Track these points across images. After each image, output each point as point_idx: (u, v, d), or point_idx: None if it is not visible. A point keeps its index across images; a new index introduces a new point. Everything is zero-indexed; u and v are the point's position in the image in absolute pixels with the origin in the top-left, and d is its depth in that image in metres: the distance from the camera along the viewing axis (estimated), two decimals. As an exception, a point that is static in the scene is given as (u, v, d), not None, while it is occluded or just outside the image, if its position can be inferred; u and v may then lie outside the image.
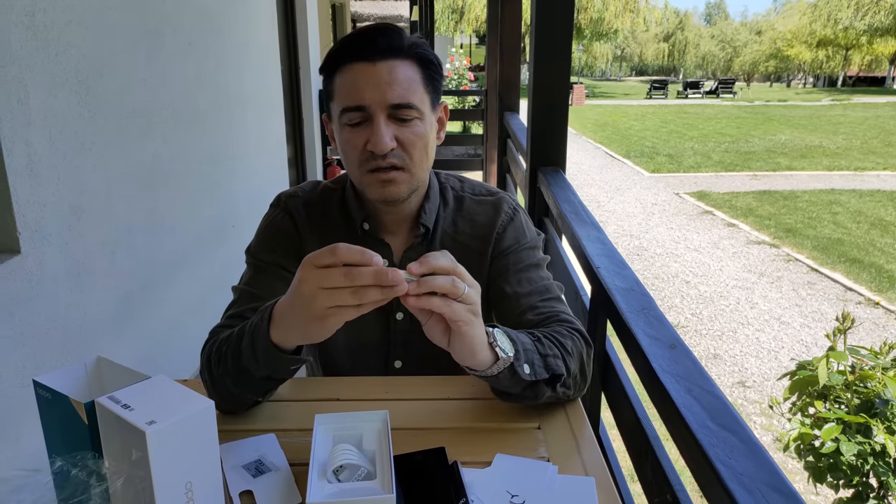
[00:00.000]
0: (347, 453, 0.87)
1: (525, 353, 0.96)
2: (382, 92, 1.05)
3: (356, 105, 1.06)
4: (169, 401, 0.78)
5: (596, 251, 1.54)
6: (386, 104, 1.05)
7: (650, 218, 8.71)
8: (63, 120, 1.97)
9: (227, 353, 1.00)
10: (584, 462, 0.98)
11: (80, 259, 2.04)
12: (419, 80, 1.08)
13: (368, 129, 1.06)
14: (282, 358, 0.93)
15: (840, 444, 1.68)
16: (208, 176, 3.12)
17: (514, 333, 0.98)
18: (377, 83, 1.05)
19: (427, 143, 1.11)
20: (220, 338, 1.04)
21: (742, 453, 0.81)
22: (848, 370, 1.83)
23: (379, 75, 1.05)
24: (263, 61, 4.10)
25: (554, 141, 2.43)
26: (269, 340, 0.91)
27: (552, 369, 1.00)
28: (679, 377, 0.98)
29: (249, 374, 0.97)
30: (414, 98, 1.07)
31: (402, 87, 1.06)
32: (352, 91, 1.06)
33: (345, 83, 1.07)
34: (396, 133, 1.07)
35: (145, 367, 2.09)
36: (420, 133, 1.09)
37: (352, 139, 1.08)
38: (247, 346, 0.95)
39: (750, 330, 5.09)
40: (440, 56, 9.92)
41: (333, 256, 0.81)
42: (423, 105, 1.09)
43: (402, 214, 1.20)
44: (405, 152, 1.09)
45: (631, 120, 21.44)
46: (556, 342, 1.03)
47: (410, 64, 1.08)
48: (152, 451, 0.72)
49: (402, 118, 1.07)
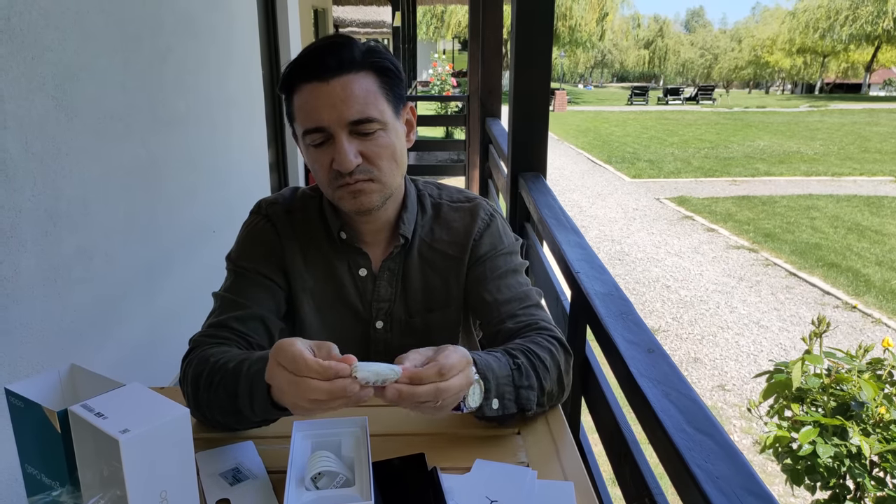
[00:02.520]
0: (326, 460, 0.86)
1: (497, 387, 0.97)
2: (339, 111, 1.03)
3: (315, 127, 1.04)
4: (143, 408, 0.77)
5: (576, 256, 1.55)
6: (344, 122, 1.03)
7: (631, 223, 8.77)
8: (39, 124, 1.95)
9: (219, 385, 0.98)
10: (563, 467, 0.99)
11: (56, 265, 2.02)
12: (376, 91, 1.06)
13: (332, 148, 1.05)
14: (280, 413, 0.94)
15: (817, 447, 1.70)
16: (188, 181, 3.10)
17: (493, 367, 0.97)
18: (332, 102, 1.03)
19: (394, 152, 1.10)
20: (210, 360, 1.01)
21: (718, 457, 0.82)
22: (824, 373, 1.85)
23: (333, 94, 1.03)
24: (244, 66, 4.08)
25: (534, 147, 2.44)
26: (268, 397, 0.91)
27: (521, 404, 1.00)
28: (657, 381, 0.99)
29: (242, 415, 0.96)
30: (373, 111, 1.05)
31: (359, 102, 1.04)
32: (309, 113, 1.05)
33: (302, 105, 1.06)
34: (360, 148, 1.06)
35: (124, 374, 2.08)
36: (385, 144, 1.08)
37: (318, 159, 1.08)
38: (244, 391, 0.94)
39: (729, 334, 5.14)
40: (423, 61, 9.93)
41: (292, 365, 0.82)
42: (384, 115, 1.07)
43: (379, 224, 1.19)
44: (372, 165, 1.07)
45: (612, 126, 21.59)
46: (535, 364, 1.03)
47: (365, 75, 1.05)
48: (126, 460, 0.71)
49: (364, 132, 1.05)
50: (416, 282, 1.22)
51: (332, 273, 1.21)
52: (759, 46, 52.90)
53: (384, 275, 1.21)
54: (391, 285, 1.22)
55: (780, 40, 48.91)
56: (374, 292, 1.22)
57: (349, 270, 1.21)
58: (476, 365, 0.94)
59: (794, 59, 49.19)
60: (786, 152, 15.23)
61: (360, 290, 1.22)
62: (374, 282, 1.21)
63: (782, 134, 18.89)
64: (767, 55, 51.64)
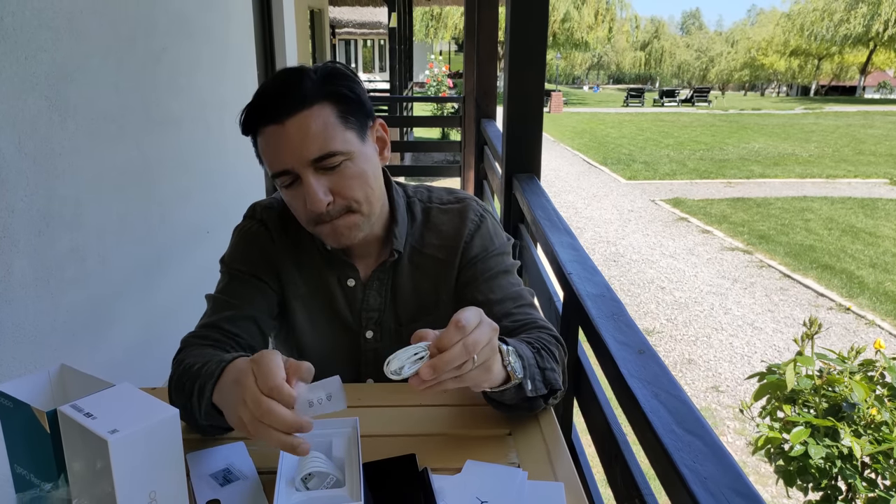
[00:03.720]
0: (316, 461, 0.86)
1: (529, 368, 0.95)
2: (298, 151, 1.01)
3: (280, 170, 1.04)
4: (133, 409, 0.77)
5: (568, 257, 1.55)
6: (306, 161, 1.01)
7: (626, 224, 8.78)
8: (32, 125, 1.94)
9: (184, 387, 0.97)
10: (554, 468, 0.99)
11: (49, 266, 2.01)
12: (335, 122, 1.03)
13: (303, 187, 1.04)
14: (220, 419, 0.91)
15: (808, 448, 1.70)
16: (182, 182, 3.09)
17: (521, 348, 0.96)
18: (291, 144, 1.01)
19: (367, 178, 1.07)
20: (186, 362, 1.01)
21: (707, 457, 0.82)
22: (816, 374, 1.86)
23: (290, 135, 1.01)
24: (239, 67, 4.07)
25: (529, 148, 2.44)
26: (210, 401, 0.90)
27: (550, 384, 1.00)
28: (646, 382, 0.99)
29: (193, 417, 0.96)
30: (334, 144, 1.02)
31: (319, 139, 1.01)
32: (272, 156, 1.04)
33: (265, 148, 1.05)
34: (329, 184, 1.04)
35: (117, 374, 2.07)
36: (354, 173, 1.05)
37: (292, 198, 1.07)
38: (195, 391, 0.93)
39: (724, 335, 5.15)
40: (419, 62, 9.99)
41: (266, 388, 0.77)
42: (348, 144, 1.04)
43: (367, 240, 1.18)
44: (346, 199, 1.06)
45: (608, 127, 21.63)
46: (550, 353, 1.03)
47: (321, 108, 1.02)
48: (115, 461, 0.71)
49: (329, 166, 1.03)
50: (407, 289, 1.22)
51: (322, 282, 1.21)
52: (755, 49, 53.07)
53: (373, 284, 1.21)
54: (380, 295, 1.21)
55: (775, 42, 49.10)
56: (364, 302, 1.21)
57: (338, 281, 1.21)
58: (506, 342, 0.92)
59: (789, 61, 49.37)
60: (781, 154, 15.28)
61: (349, 300, 1.22)
62: (363, 291, 1.21)
63: (777, 136, 18.95)
64: (763, 57, 51.82)
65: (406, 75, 13.63)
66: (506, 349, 0.89)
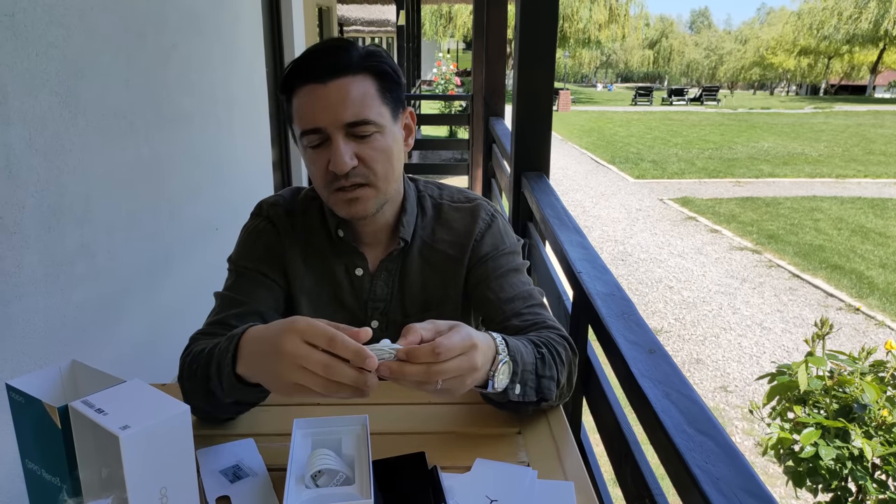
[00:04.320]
0: (326, 458, 0.86)
1: (523, 373, 0.96)
2: (335, 112, 1.04)
3: (312, 128, 1.05)
4: (144, 405, 0.77)
5: (578, 256, 1.54)
6: (341, 124, 1.04)
7: (634, 223, 8.76)
8: (43, 121, 1.95)
9: (197, 372, 0.98)
10: (564, 467, 0.98)
11: (59, 261, 2.02)
12: (374, 94, 1.07)
13: (329, 150, 1.06)
14: (246, 390, 0.92)
15: (819, 449, 1.69)
16: (192, 179, 3.10)
17: (521, 352, 0.96)
18: (329, 104, 1.04)
19: (391, 156, 1.10)
20: (194, 350, 1.03)
21: (719, 458, 0.81)
22: (827, 375, 1.84)
23: (330, 96, 1.04)
24: (248, 64, 4.08)
25: (538, 146, 2.43)
26: (233, 374, 0.91)
27: (542, 393, 1.00)
28: (657, 382, 0.99)
29: (217, 398, 0.96)
30: (370, 113, 1.05)
31: (356, 105, 1.04)
32: (307, 114, 1.06)
33: (300, 106, 1.07)
34: (356, 150, 1.06)
35: (126, 371, 2.07)
36: (381, 147, 1.08)
37: (314, 160, 1.08)
38: (214, 372, 0.94)
39: (732, 335, 5.13)
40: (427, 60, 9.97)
41: (326, 343, 0.78)
42: (382, 118, 1.08)
43: (377, 226, 1.20)
44: (368, 168, 1.08)
45: (616, 126, 21.57)
46: (554, 357, 1.03)
47: (364, 78, 1.06)
48: (126, 456, 0.71)
49: (361, 135, 1.06)
50: (416, 282, 1.22)
51: (329, 273, 1.22)
52: (764, 47, 52.81)
53: (381, 275, 1.21)
54: (388, 285, 1.22)
55: (784, 41, 48.83)
56: (371, 292, 1.22)
57: (346, 270, 1.22)
58: (508, 346, 0.93)
59: (798, 60, 49.12)
60: (790, 154, 15.20)
61: (356, 289, 1.22)
62: (370, 281, 1.22)
63: (787, 135, 18.85)
64: (772, 56, 51.56)
65: (414, 73, 13.62)
66: (500, 359, 0.90)
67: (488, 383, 0.91)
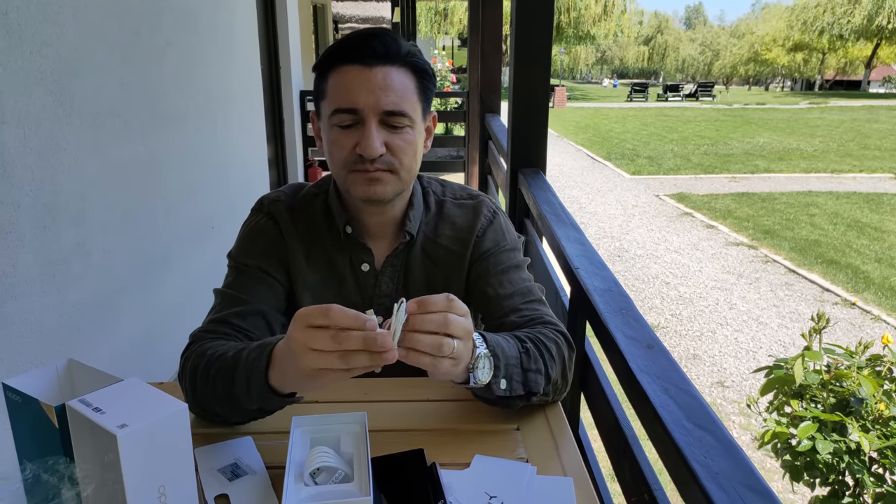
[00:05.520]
0: (324, 456, 0.86)
1: (506, 367, 0.96)
2: (377, 97, 1.05)
3: (349, 107, 1.05)
4: (141, 404, 0.76)
5: (575, 252, 1.54)
6: (379, 110, 1.05)
7: (631, 220, 8.76)
8: (37, 119, 1.94)
9: (216, 377, 0.97)
10: (562, 463, 0.98)
11: (55, 261, 2.02)
12: (413, 89, 1.09)
13: (359, 132, 1.06)
14: (277, 400, 0.93)
15: (816, 443, 1.69)
16: (187, 176, 3.09)
17: (502, 346, 0.97)
18: (372, 88, 1.04)
19: (416, 151, 1.12)
20: (207, 353, 1.01)
21: (718, 452, 0.81)
22: (823, 369, 1.85)
23: (374, 80, 1.05)
24: (244, 61, 4.07)
25: (534, 143, 2.43)
26: (266, 383, 0.90)
27: (529, 386, 1.00)
28: (656, 377, 0.99)
29: (239, 404, 0.96)
30: (407, 106, 1.07)
31: (397, 95, 1.06)
32: (345, 93, 1.06)
33: (339, 84, 1.07)
34: (387, 139, 1.07)
35: (123, 369, 2.07)
36: (410, 140, 1.09)
37: (340, 140, 1.08)
38: (241, 378, 0.93)
39: (728, 330, 5.14)
40: (422, 57, 9.82)
41: (325, 318, 0.79)
42: (416, 113, 1.09)
43: (386, 218, 1.20)
44: (394, 157, 1.09)
45: (612, 122, 21.57)
46: (542, 351, 1.03)
47: (406, 72, 1.08)
48: (124, 455, 0.71)
49: (394, 125, 1.07)
50: (419, 278, 1.22)
51: (333, 269, 1.21)
52: (759, 43, 52.86)
53: (386, 270, 1.21)
54: (393, 281, 1.22)
55: (779, 37, 48.88)
56: (376, 287, 1.22)
57: (350, 266, 1.21)
58: (486, 340, 0.94)
59: (793, 55, 49.17)
60: (785, 149, 15.22)
61: (362, 285, 1.22)
62: (375, 277, 1.21)
63: (782, 131, 18.88)
64: (766, 52, 51.61)
65: (409, 70, 13.51)
66: (478, 353, 0.91)
67: (469, 377, 0.91)
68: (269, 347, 0.91)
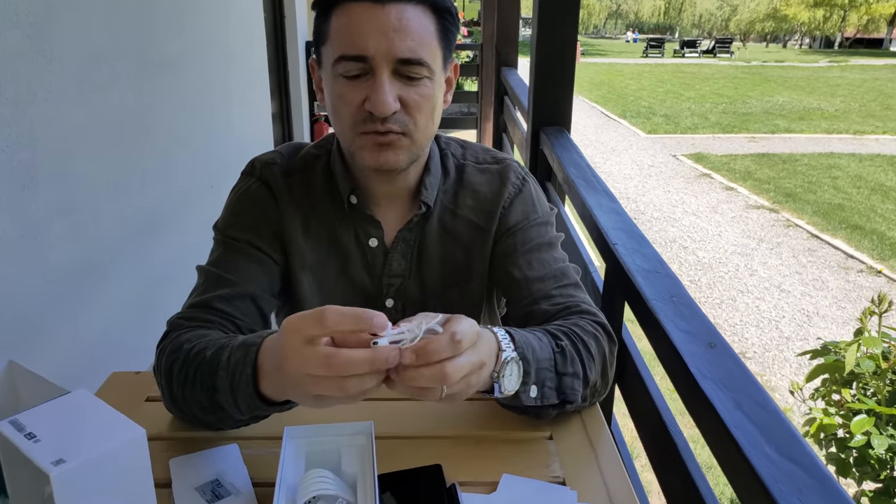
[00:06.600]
0: (322, 482, 0.71)
1: (537, 371, 0.81)
2: (390, 42, 0.86)
3: (356, 54, 0.86)
4: (87, 428, 0.61)
5: (611, 224, 1.36)
6: (393, 57, 0.86)
7: (647, 180, 8.52)
8: (13, 66, 1.77)
9: (195, 379, 0.81)
10: (604, 480, 0.84)
11: (35, 222, 1.86)
12: (433, 32, 0.90)
13: (368, 84, 0.87)
14: (272, 408, 0.78)
15: (871, 438, 1.54)
16: (183, 131, 2.91)
17: (533, 346, 0.82)
18: (384, 30, 0.85)
19: (434, 107, 0.93)
20: (183, 347, 0.85)
21: (815, 492, 0.65)
22: (880, 356, 1.67)
23: (387, 21, 0.86)
24: (244, 7, 3.84)
25: (559, 99, 2.22)
26: (254, 393, 0.75)
27: (564, 394, 0.85)
28: (724, 386, 0.82)
29: (226, 413, 0.80)
30: (426, 53, 0.88)
31: (414, 39, 0.87)
32: (352, 36, 0.86)
33: (344, 25, 0.87)
34: (401, 93, 0.88)
35: (109, 345, 1.93)
36: (428, 95, 0.91)
37: (346, 94, 0.89)
38: (225, 386, 0.77)
39: (749, 298, 4.96)
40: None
41: (321, 327, 0.63)
42: (435, 62, 0.91)
43: (398, 186, 1.02)
44: (409, 116, 0.90)
45: (627, 79, 21.08)
46: (580, 349, 0.88)
47: (424, 10, 0.89)
48: (59, 497, 0.55)
49: (410, 76, 0.89)
50: (435, 255, 1.05)
51: (336, 244, 1.04)
52: (778, -1, 51.49)
53: (398, 246, 1.04)
54: (405, 259, 1.04)
55: (800, -8, 47.57)
56: (386, 266, 1.05)
57: (357, 241, 1.04)
58: (514, 341, 0.78)
59: (813, 11, 47.87)
60: (806, 109, 14.82)
61: (370, 263, 1.05)
62: (385, 254, 1.04)
63: (802, 90, 18.40)
64: (786, 7, 50.26)
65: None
66: (505, 357, 0.75)
67: (494, 387, 0.76)
68: (253, 351, 0.74)
